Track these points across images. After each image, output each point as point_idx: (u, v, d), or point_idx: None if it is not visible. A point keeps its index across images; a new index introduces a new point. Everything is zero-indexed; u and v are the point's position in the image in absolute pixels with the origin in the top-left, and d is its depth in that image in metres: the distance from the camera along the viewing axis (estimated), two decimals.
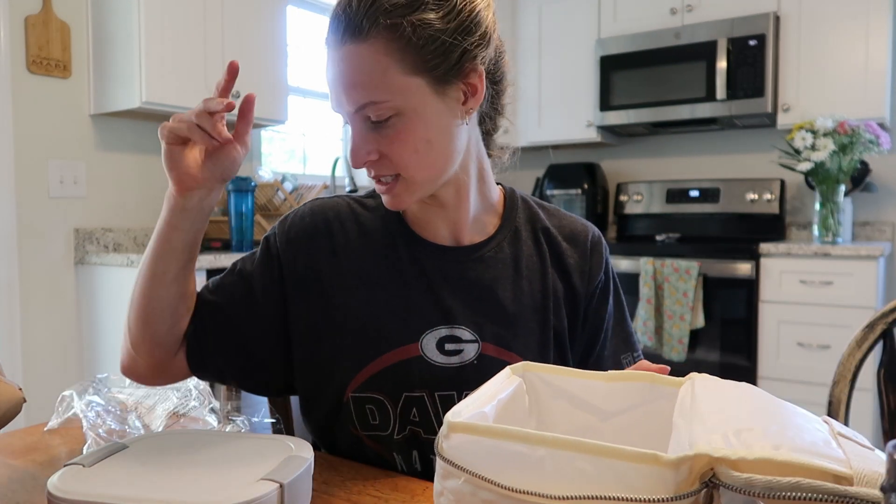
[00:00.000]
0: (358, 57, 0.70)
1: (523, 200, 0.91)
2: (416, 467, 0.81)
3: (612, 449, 0.40)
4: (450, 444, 0.45)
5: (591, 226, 0.92)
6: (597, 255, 0.89)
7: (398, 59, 0.70)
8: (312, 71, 3.30)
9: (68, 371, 2.33)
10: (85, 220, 2.36)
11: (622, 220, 3.45)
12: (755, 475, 0.37)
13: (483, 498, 0.43)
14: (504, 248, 0.85)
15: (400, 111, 0.72)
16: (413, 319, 0.80)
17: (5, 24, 2.12)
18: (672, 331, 2.71)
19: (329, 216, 0.85)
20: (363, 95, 0.71)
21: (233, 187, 2.41)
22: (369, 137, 0.73)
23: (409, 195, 0.77)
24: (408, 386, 0.79)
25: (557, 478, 0.41)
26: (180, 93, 2.30)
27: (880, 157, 2.78)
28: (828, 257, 2.48)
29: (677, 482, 0.39)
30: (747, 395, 0.50)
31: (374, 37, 0.70)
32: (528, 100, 3.48)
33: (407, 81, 0.71)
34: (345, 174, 3.08)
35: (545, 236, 0.88)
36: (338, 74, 0.72)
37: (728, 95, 2.85)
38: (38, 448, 0.80)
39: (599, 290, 0.89)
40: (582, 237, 0.89)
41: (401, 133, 0.72)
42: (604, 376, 0.59)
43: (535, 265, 0.85)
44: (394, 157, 0.74)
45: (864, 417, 2.38)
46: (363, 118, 0.73)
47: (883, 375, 1.00)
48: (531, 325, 0.83)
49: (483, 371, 0.78)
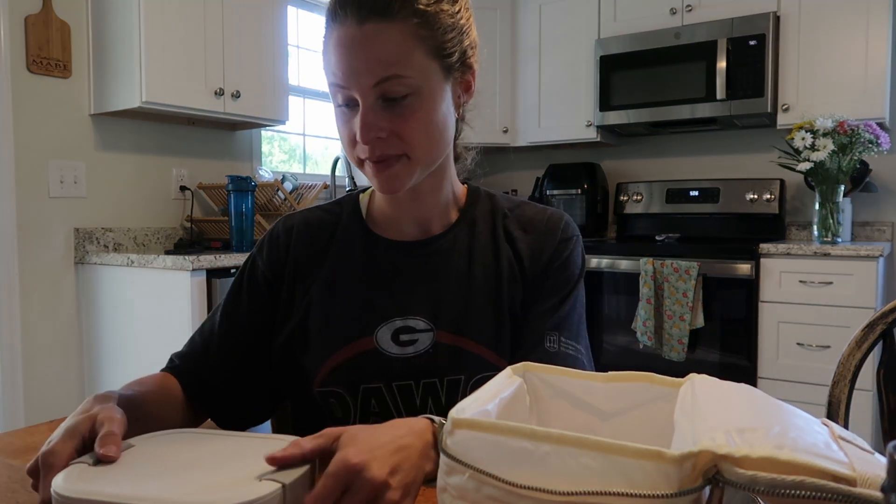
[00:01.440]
0: (384, 34, 0.72)
1: (488, 195, 0.92)
2: None
3: (615, 445, 0.41)
4: (454, 440, 0.45)
5: (556, 214, 0.90)
6: (549, 237, 0.87)
7: (422, 40, 0.74)
8: (312, 71, 3.30)
9: (68, 371, 2.33)
10: (85, 220, 2.36)
11: (622, 220, 3.45)
12: (759, 472, 0.37)
13: (487, 493, 0.43)
14: (460, 239, 0.87)
15: (417, 90, 0.74)
16: (368, 314, 0.84)
17: (5, 24, 2.12)
18: (672, 331, 2.71)
19: (296, 226, 0.90)
20: (387, 69, 0.73)
21: (233, 187, 2.41)
22: (381, 115, 0.74)
23: (407, 177, 0.79)
24: (365, 378, 0.81)
25: (561, 474, 0.41)
26: (180, 93, 2.30)
27: (880, 157, 2.78)
28: (827, 257, 2.48)
29: (680, 478, 0.39)
30: (747, 395, 0.50)
31: (403, 18, 0.73)
32: (528, 100, 3.48)
33: (427, 63, 0.75)
34: (344, 174, 3.08)
35: (502, 225, 0.89)
36: (358, 48, 0.73)
37: (728, 95, 2.85)
38: (38, 448, 0.80)
39: (550, 281, 0.86)
40: (539, 224, 0.89)
41: (416, 112, 0.75)
42: (603, 377, 0.60)
43: (489, 252, 0.87)
44: (405, 136, 0.75)
45: (863, 417, 2.38)
46: (377, 95, 0.74)
47: (882, 376, 1.00)
48: (486, 310, 0.84)
49: (438, 358, 0.81)
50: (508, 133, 3.52)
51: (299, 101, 3.25)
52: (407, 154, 0.77)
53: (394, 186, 0.79)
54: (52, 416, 2.24)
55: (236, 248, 2.41)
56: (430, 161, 0.80)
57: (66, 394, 2.33)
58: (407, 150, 0.77)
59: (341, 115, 0.78)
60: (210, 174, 2.76)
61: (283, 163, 3.30)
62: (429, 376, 0.82)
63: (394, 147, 0.76)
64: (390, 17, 0.72)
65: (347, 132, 0.77)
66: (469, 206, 0.90)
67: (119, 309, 2.26)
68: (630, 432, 0.57)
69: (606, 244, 3.03)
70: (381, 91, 0.74)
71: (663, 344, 2.74)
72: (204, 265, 2.06)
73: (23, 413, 2.19)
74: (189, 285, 2.03)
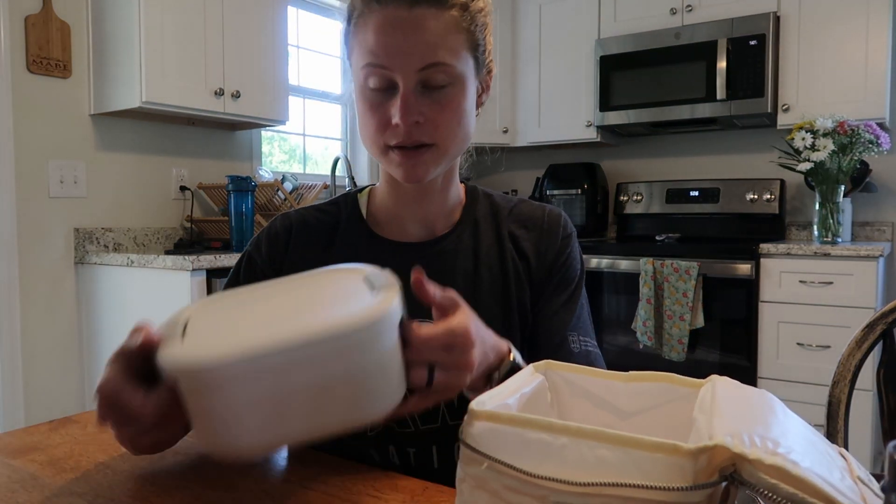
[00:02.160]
0: (437, 20, 0.74)
1: (485, 195, 0.93)
2: (394, 461, 0.82)
3: (632, 438, 0.41)
4: (473, 431, 0.46)
5: (554, 211, 0.91)
6: (552, 235, 0.88)
7: (465, 32, 0.76)
8: (312, 71, 3.30)
9: (68, 371, 2.33)
10: (85, 220, 2.36)
11: (622, 220, 3.45)
12: (781, 483, 0.37)
13: (505, 483, 0.44)
14: (464, 240, 0.87)
15: (457, 80, 0.76)
16: None
17: (5, 24, 2.12)
18: (672, 331, 2.71)
19: (295, 226, 0.89)
20: (436, 55, 0.74)
21: (233, 187, 2.41)
22: (420, 101, 0.75)
23: (434, 165, 0.79)
24: None
25: (578, 465, 0.42)
26: (180, 93, 2.30)
27: (880, 158, 2.79)
28: (828, 257, 2.48)
29: (696, 472, 0.40)
30: (769, 403, 0.50)
31: (452, 9, 0.75)
32: (528, 100, 3.48)
33: (466, 56, 0.77)
34: (344, 174, 3.08)
35: (505, 225, 0.89)
36: (409, 30, 0.73)
37: (728, 95, 2.85)
38: (38, 448, 0.80)
39: (556, 279, 0.87)
40: (538, 221, 0.89)
41: (452, 101, 0.76)
42: (624, 377, 0.60)
43: (495, 252, 0.87)
44: (440, 123, 0.76)
45: (864, 417, 2.38)
46: (419, 80, 0.74)
47: (882, 375, 1.00)
48: (493, 311, 0.84)
49: None
50: (508, 133, 3.52)
51: (299, 101, 3.25)
52: (437, 143, 0.77)
53: (419, 175, 0.78)
54: (52, 416, 2.24)
55: (236, 248, 2.41)
56: (455, 153, 0.81)
57: (66, 394, 2.33)
58: (438, 140, 0.77)
59: (373, 98, 0.76)
60: (210, 174, 2.76)
61: (283, 163, 3.30)
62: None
63: (427, 135, 0.76)
64: (442, 6, 0.74)
65: (379, 116, 0.76)
66: (470, 205, 0.90)
67: (119, 309, 2.26)
68: (649, 431, 0.57)
69: (606, 244, 3.03)
70: (424, 76, 0.74)
71: (663, 344, 2.74)
72: (204, 265, 2.06)
73: (23, 413, 2.19)
74: (189, 285, 2.03)
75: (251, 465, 0.75)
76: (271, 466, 0.75)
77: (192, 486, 0.68)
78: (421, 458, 0.82)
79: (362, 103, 0.78)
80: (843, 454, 0.47)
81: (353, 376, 0.53)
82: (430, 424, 0.82)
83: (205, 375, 0.49)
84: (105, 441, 0.82)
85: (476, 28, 0.78)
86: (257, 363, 0.49)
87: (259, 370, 0.49)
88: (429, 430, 0.82)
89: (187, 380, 0.50)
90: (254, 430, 0.51)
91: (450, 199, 0.88)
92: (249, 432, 0.51)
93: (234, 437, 0.51)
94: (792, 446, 0.41)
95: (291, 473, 0.72)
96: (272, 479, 0.71)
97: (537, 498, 0.43)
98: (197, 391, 0.50)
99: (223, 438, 0.51)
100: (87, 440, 0.82)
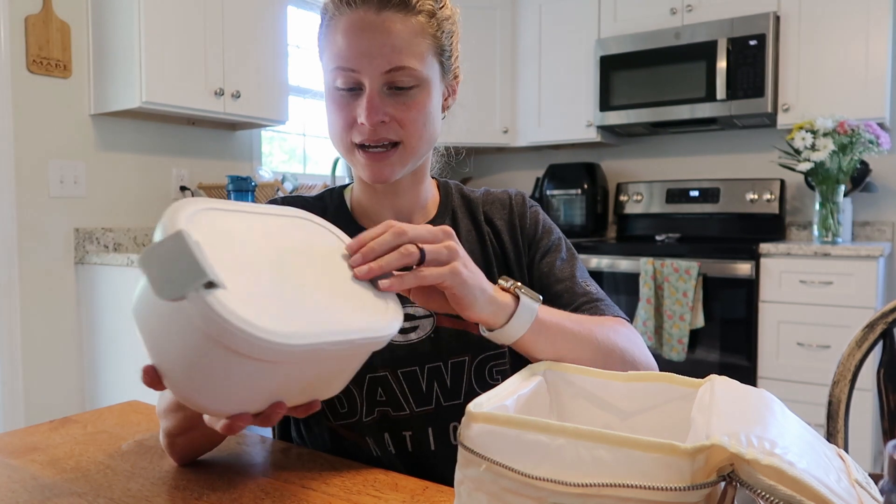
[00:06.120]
0: (403, 25, 0.77)
1: (456, 187, 0.97)
2: (389, 450, 0.83)
3: (629, 439, 0.41)
4: (470, 433, 0.46)
5: (518, 192, 0.97)
6: (519, 209, 0.93)
7: (431, 38, 0.80)
8: (312, 71, 3.30)
9: (68, 371, 2.33)
10: (85, 220, 2.36)
11: (622, 220, 3.45)
12: (778, 485, 0.37)
13: (503, 485, 0.44)
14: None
15: (423, 83, 0.79)
16: None
17: (5, 24, 2.12)
18: (672, 331, 2.71)
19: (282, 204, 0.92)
20: (401, 59, 0.77)
21: (233, 187, 2.41)
22: (385, 101, 0.78)
23: (400, 165, 0.82)
24: (370, 367, 0.81)
25: (576, 466, 0.42)
26: (180, 93, 2.30)
27: (880, 157, 2.79)
28: (828, 257, 2.48)
29: (693, 471, 0.40)
30: (767, 403, 0.49)
31: (418, 15, 0.78)
32: (527, 100, 3.48)
33: (432, 60, 0.81)
34: (344, 174, 3.08)
35: (479, 210, 0.94)
36: (376, 34, 0.76)
37: (728, 95, 2.85)
38: (38, 448, 0.80)
39: (537, 247, 0.91)
40: (504, 201, 0.95)
41: (418, 103, 0.79)
42: (624, 376, 0.60)
43: (473, 238, 0.91)
44: (405, 123, 0.79)
45: (864, 417, 2.38)
46: (385, 82, 0.77)
47: (883, 375, 1.00)
48: None
49: (441, 342, 0.83)
50: (508, 133, 3.52)
51: (299, 101, 3.25)
52: (403, 141, 0.80)
53: (385, 175, 0.81)
54: (52, 415, 2.24)
55: None
56: (420, 152, 0.83)
57: (66, 394, 2.33)
58: (404, 137, 0.80)
59: (340, 99, 0.79)
60: (210, 174, 2.76)
61: (283, 163, 3.30)
62: (433, 360, 0.83)
63: (393, 132, 0.79)
64: (409, 11, 0.77)
65: (345, 116, 0.79)
66: (444, 197, 0.94)
67: (119, 309, 2.26)
68: (648, 431, 0.57)
69: (606, 244, 3.03)
70: (389, 79, 0.77)
71: (663, 344, 2.74)
72: None
73: (23, 413, 2.19)
74: None
75: (251, 465, 0.75)
76: (271, 466, 0.75)
77: (192, 486, 0.68)
78: (417, 441, 0.83)
79: (331, 103, 0.81)
80: (842, 455, 0.47)
81: (356, 359, 0.59)
82: (424, 407, 0.83)
83: (269, 347, 0.44)
84: (105, 441, 0.82)
85: (443, 34, 0.81)
86: (317, 351, 0.48)
87: (306, 357, 0.49)
88: (423, 412, 0.83)
89: (231, 338, 0.43)
90: (247, 399, 0.51)
91: (422, 195, 0.91)
92: (243, 400, 0.51)
93: (225, 400, 0.49)
94: (789, 446, 0.41)
95: (291, 473, 0.72)
96: (272, 479, 0.71)
97: (536, 499, 0.43)
98: (229, 351, 0.45)
99: (213, 397, 0.49)
100: (87, 440, 0.82)
